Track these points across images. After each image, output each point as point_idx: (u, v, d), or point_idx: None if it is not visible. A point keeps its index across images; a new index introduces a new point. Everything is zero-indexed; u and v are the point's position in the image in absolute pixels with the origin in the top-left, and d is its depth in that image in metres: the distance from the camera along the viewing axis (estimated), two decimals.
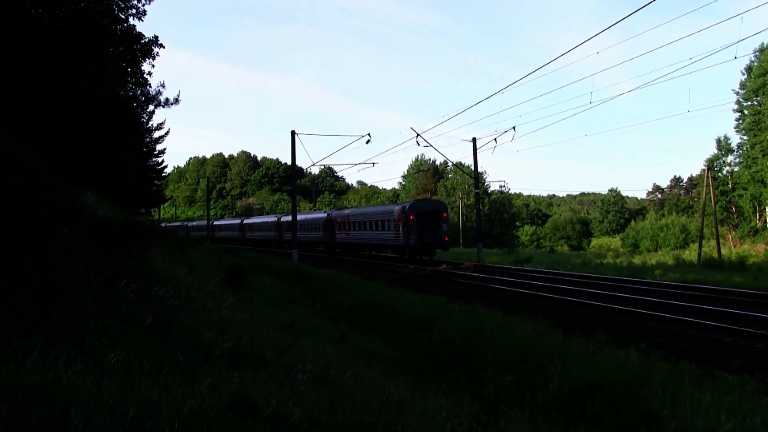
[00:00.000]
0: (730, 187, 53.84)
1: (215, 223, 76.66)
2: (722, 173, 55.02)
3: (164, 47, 17.92)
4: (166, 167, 49.36)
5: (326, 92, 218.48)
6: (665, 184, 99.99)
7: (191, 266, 12.83)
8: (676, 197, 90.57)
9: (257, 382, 4.83)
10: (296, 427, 3.82)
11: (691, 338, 11.45)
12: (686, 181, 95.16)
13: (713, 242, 35.85)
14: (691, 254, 37.71)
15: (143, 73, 19.24)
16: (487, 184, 76.67)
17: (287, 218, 51.74)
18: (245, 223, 66.98)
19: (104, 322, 4.81)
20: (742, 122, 53.16)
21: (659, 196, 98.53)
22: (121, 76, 18.06)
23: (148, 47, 17.56)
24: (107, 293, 5.58)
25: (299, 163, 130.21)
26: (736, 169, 54.62)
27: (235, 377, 4.69)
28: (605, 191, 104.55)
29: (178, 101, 22.12)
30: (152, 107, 25.60)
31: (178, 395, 3.82)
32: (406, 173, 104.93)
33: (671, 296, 16.54)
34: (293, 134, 34.76)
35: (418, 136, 32.06)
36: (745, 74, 52.67)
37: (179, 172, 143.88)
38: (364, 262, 34.65)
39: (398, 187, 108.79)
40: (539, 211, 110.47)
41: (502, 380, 4.47)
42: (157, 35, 17.63)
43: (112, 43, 16.46)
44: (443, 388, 7.41)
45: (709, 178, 34.24)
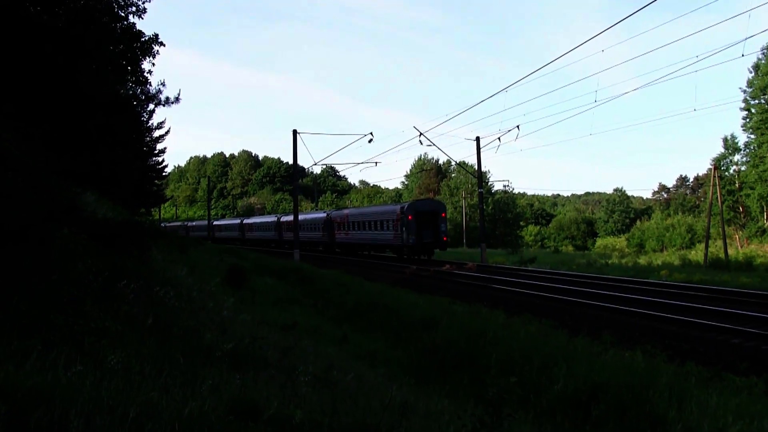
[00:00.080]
0: (737, 186, 53.46)
1: (215, 223, 76.34)
2: (729, 172, 54.59)
3: (164, 45, 17.83)
4: (166, 167, 49.53)
5: (328, 91, 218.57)
6: (671, 183, 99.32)
7: (192, 266, 12.82)
8: (682, 197, 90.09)
9: (259, 383, 4.82)
10: (298, 429, 3.81)
11: (697, 339, 11.38)
12: (692, 180, 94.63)
13: (720, 242, 35.65)
14: (697, 254, 37.48)
15: (143, 71, 19.14)
16: (490, 183, 76.47)
17: (287, 218, 51.81)
18: (245, 223, 66.70)
19: (104, 323, 4.79)
20: (749, 121, 52.68)
21: (665, 195, 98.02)
22: (121, 74, 17.93)
23: (148, 45, 17.45)
24: (107, 294, 5.56)
25: (301, 162, 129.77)
26: (743, 168, 54.11)
27: (236, 379, 4.67)
28: (610, 191, 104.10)
29: (178, 100, 21.95)
30: (152, 106, 25.48)
31: (178, 397, 3.81)
32: (408, 173, 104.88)
33: (677, 297, 16.45)
34: (295, 133, 34.70)
35: (421, 135, 32.06)
36: (752, 72, 52.11)
37: (180, 171, 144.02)
38: (365, 262, 34.64)
39: (401, 186, 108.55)
40: (543, 210, 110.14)
41: (506, 382, 4.44)
42: (157, 33, 17.56)
43: (112, 41, 16.34)
44: (446, 389, 7.38)
45: (715, 177, 34.06)
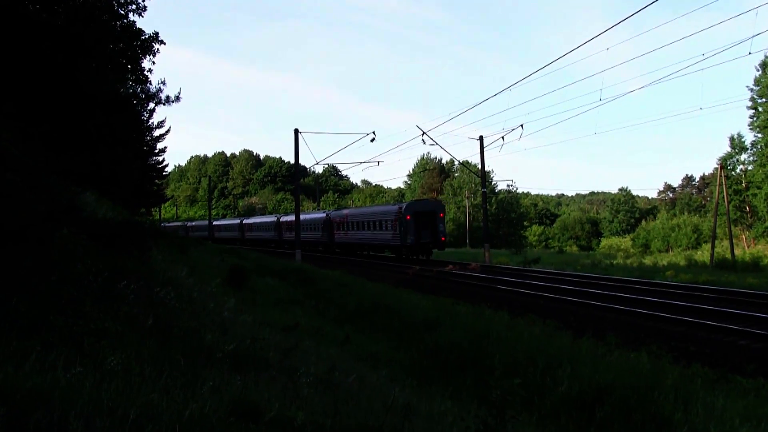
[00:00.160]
0: (743, 186, 53.05)
1: (215, 223, 76.25)
2: (735, 172, 54.06)
3: (165, 44, 17.79)
4: (166, 166, 49.59)
5: (330, 90, 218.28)
6: (677, 183, 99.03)
7: (192, 267, 12.78)
8: (687, 196, 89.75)
9: (260, 385, 4.79)
10: (300, 431, 3.77)
11: (703, 341, 11.30)
12: (698, 180, 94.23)
13: (726, 242, 35.48)
14: (703, 255, 37.33)
15: (143, 70, 19.01)
16: (494, 183, 76.30)
17: (287, 218, 51.84)
18: (245, 223, 66.57)
19: (104, 323, 4.77)
20: (756, 119, 52.24)
21: (670, 195, 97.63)
22: (120, 73, 17.88)
23: (148, 44, 17.38)
24: (107, 294, 5.54)
25: (303, 161, 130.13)
26: (749, 167, 53.69)
27: (237, 380, 4.65)
28: (615, 190, 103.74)
29: (179, 99, 21.80)
30: (153, 105, 25.42)
31: (179, 398, 3.79)
32: (411, 172, 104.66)
33: (683, 298, 16.35)
34: (296, 132, 34.63)
35: (423, 134, 32.09)
36: (759, 70, 51.59)
37: (180, 171, 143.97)
38: (367, 262, 34.63)
39: (404, 186, 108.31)
40: (548, 210, 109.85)
41: (509, 383, 4.39)
42: (157, 31, 17.54)
43: (111, 39, 16.27)
44: (450, 391, 7.34)
45: (722, 176, 33.91)
